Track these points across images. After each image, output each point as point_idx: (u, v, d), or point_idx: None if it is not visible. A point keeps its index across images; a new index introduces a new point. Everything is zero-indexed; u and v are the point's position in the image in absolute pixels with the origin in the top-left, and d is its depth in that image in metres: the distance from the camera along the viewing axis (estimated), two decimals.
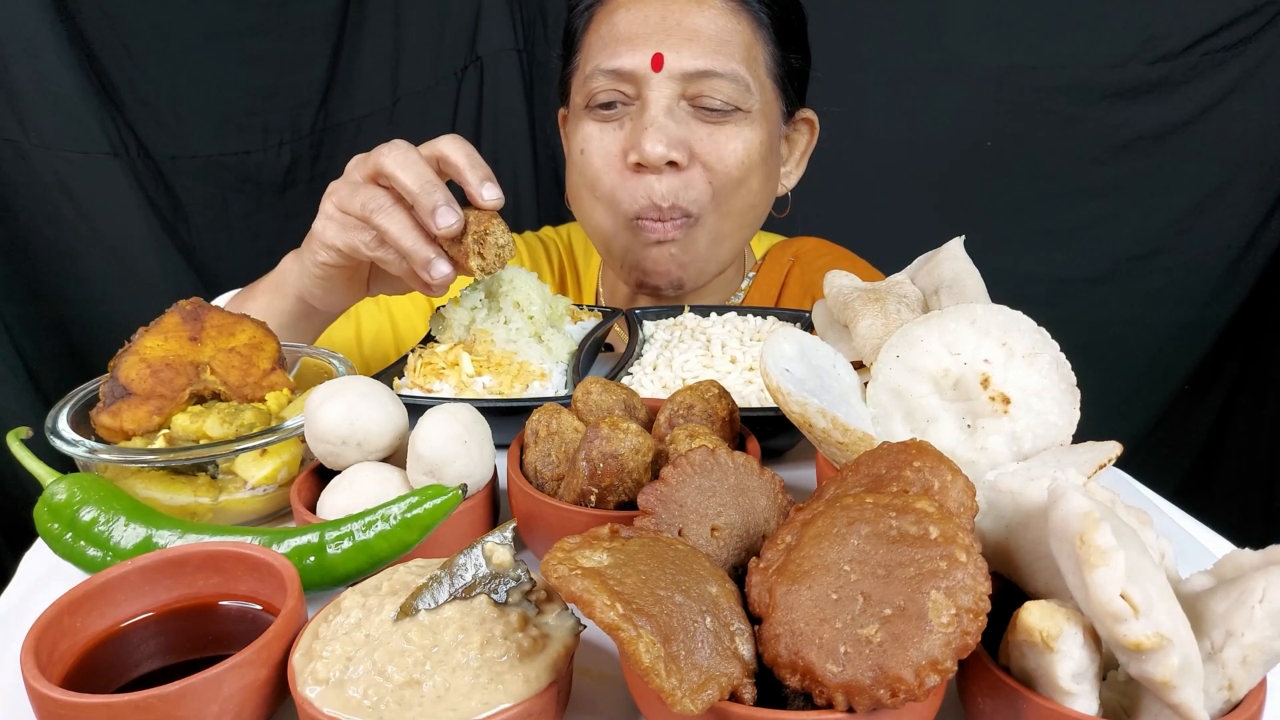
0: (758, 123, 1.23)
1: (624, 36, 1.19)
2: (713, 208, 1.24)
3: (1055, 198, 2.19)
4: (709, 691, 0.47)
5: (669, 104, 1.18)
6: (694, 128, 1.20)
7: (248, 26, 1.96)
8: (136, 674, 0.59)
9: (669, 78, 1.17)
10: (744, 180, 1.23)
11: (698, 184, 1.21)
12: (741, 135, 1.21)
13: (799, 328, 0.76)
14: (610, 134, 1.23)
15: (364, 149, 0.99)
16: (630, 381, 1.00)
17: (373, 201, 0.94)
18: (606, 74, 1.20)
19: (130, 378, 0.86)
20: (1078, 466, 0.60)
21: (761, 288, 1.46)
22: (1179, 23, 2.01)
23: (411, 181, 0.91)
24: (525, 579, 0.58)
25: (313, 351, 1.00)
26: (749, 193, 1.25)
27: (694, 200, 1.22)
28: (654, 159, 1.16)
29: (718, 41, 1.18)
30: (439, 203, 0.91)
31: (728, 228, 1.27)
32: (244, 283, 1.19)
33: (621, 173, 1.22)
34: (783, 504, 0.64)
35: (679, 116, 1.19)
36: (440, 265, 0.94)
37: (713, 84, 1.18)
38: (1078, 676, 0.49)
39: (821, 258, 1.48)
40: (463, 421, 0.73)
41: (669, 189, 1.20)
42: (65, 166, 1.85)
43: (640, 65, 1.17)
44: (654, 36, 1.17)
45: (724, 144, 1.20)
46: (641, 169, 1.19)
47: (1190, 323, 2.24)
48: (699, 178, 1.21)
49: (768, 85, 1.25)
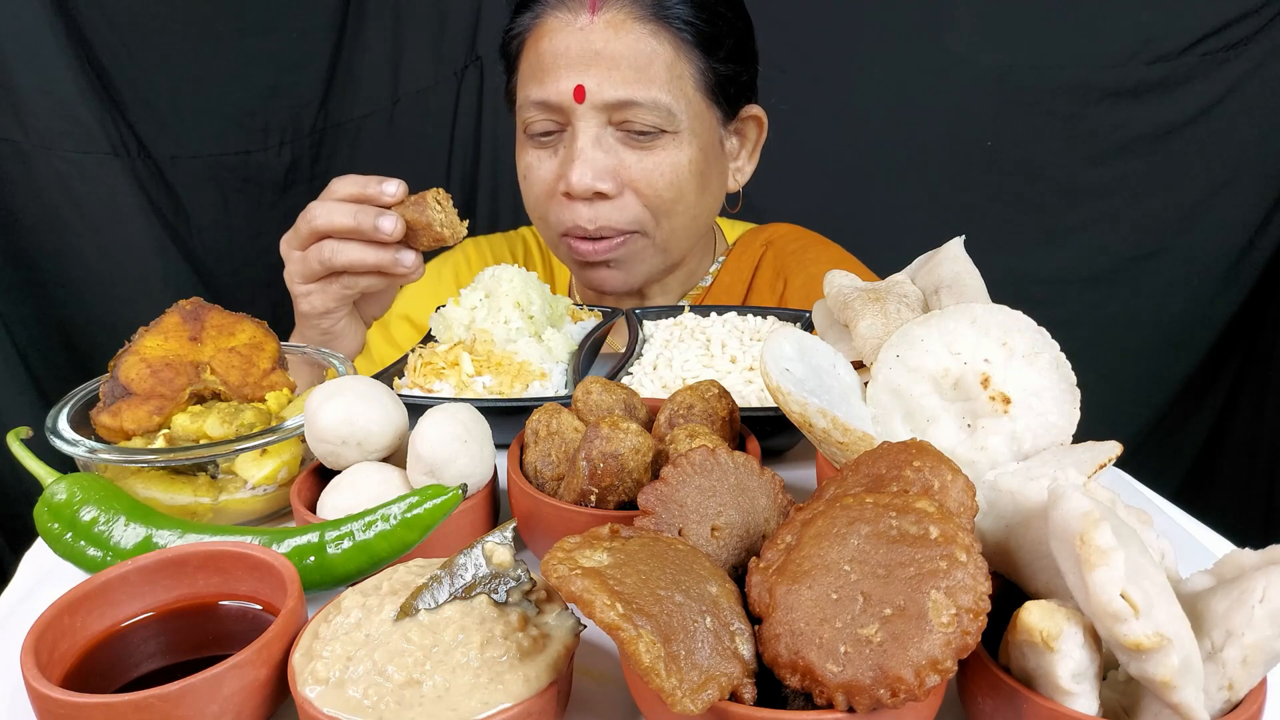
0: (688, 141, 1.25)
1: (548, 66, 1.22)
2: (654, 224, 1.28)
3: (1055, 198, 2.19)
4: (709, 691, 0.47)
5: (596, 133, 1.22)
6: (623, 154, 1.23)
7: (248, 26, 1.96)
8: (136, 674, 0.59)
9: (592, 108, 1.20)
10: (677, 200, 1.27)
11: (632, 207, 1.25)
12: (670, 158, 1.24)
13: (799, 328, 0.76)
14: (547, 162, 1.28)
15: (364, 149, 1.01)
16: (630, 381, 1.00)
17: (325, 253, 1.04)
18: (536, 105, 1.24)
19: (130, 378, 0.86)
20: (1078, 466, 0.60)
21: (732, 271, 1.48)
22: (1179, 23, 2.01)
23: (344, 219, 1.02)
24: (525, 579, 0.58)
25: (313, 352, 1.00)
26: (685, 209, 1.29)
27: (632, 221, 1.26)
28: (579, 190, 1.22)
29: (637, 68, 1.20)
30: (373, 218, 1.02)
31: (676, 235, 1.31)
32: (244, 282, 1.20)
33: (556, 199, 1.27)
34: (783, 504, 0.64)
35: (607, 144, 1.23)
36: (405, 255, 1.06)
37: (635, 111, 1.20)
38: (1078, 676, 0.49)
39: (794, 241, 1.50)
40: (463, 421, 0.73)
41: (596, 214, 1.25)
42: (65, 166, 1.85)
43: (564, 97, 1.21)
44: (575, 66, 1.20)
45: (653, 169, 1.23)
46: (572, 197, 1.24)
47: (1190, 323, 2.24)
48: (632, 202, 1.25)
49: (696, 100, 1.26)
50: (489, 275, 1.07)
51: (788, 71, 1.59)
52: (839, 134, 2.21)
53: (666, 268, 1.37)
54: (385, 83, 2.14)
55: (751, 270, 1.47)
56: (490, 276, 1.07)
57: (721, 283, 1.47)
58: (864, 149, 2.22)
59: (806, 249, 1.47)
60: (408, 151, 2.18)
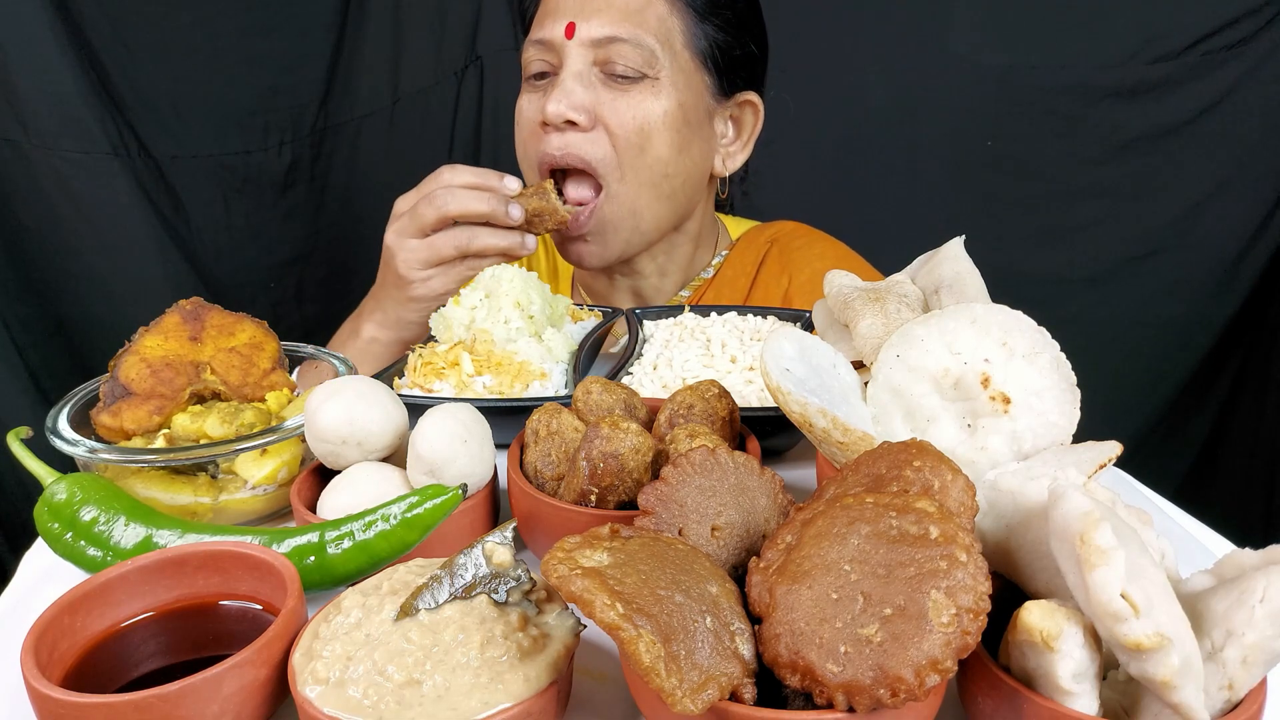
0: (666, 91, 1.28)
1: (550, 10, 1.30)
2: (619, 174, 1.29)
3: (1055, 198, 2.19)
4: (709, 691, 0.47)
5: (580, 69, 1.27)
6: (601, 93, 1.27)
7: (248, 26, 1.96)
8: (136, 674, 0.59)
9: (580, 44, 1.26)
10: (644, 145, 1.28)
11: (601, 144, 1.28)
12: (644, 102, 1.27)
13: (799, 328, 0.76)
14: (535, 101, 1.33)
15: (364, 149, 1.01)
16: (630, 381, 1.00)
17: (460, 238, 1.19)
18: (534, 44, 1.31)
19: (130, 377, 0.86)
20: (1078, 466, 0.60)
21: (736, 265, 1.49)
22: (1179, 23, 2.01)
23: (479, 205, 1.17)
24: (525, 579, 0.58)
25: (313, 351, 1.00)
26: (654, 159, 1.30)
27: (598, 158, 1.28)
28: (552, 117, 1.26)
29: (628, 11, 1.26)
30: (504, 205, 1.18)
31: (642, 197, 1.31)
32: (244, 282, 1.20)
33: (535, 133, 1.32)
34: (783, 504, 0.64)
35: (588, 82, 1.27)
36: (529, 239, 1.22)
37: (619, 49, 1.25)
38: (1078, 676, 0.49)
39: (799, 238, 1.50)
40: (463, 421, 0.73)
41: (565, 142, 1.28)
42: (65, 166, 1.85)
43: (557, 34, 1.27)
44: (572, 8, 1.27)
45: (624, 109, 1.27)
46: (547, 128, 1.28)
47: (1190, 323, 2.24)
48: (599, 137, 1.28)
49: (684, 57, 1.29)
50: (489, 275, 1.07)
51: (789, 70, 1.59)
52: (839, 133, 2.21)
53: (644, 241, 1.37)
54: (385, 83, 2.14)
55: (756, 265, 1.47)
56: (490, 276, 1.07)
57: (724, 276, 1.48)
58: (864, 148, 2.22)
59: (811, 245, 1.48)
60: (408, 151, 2.18)
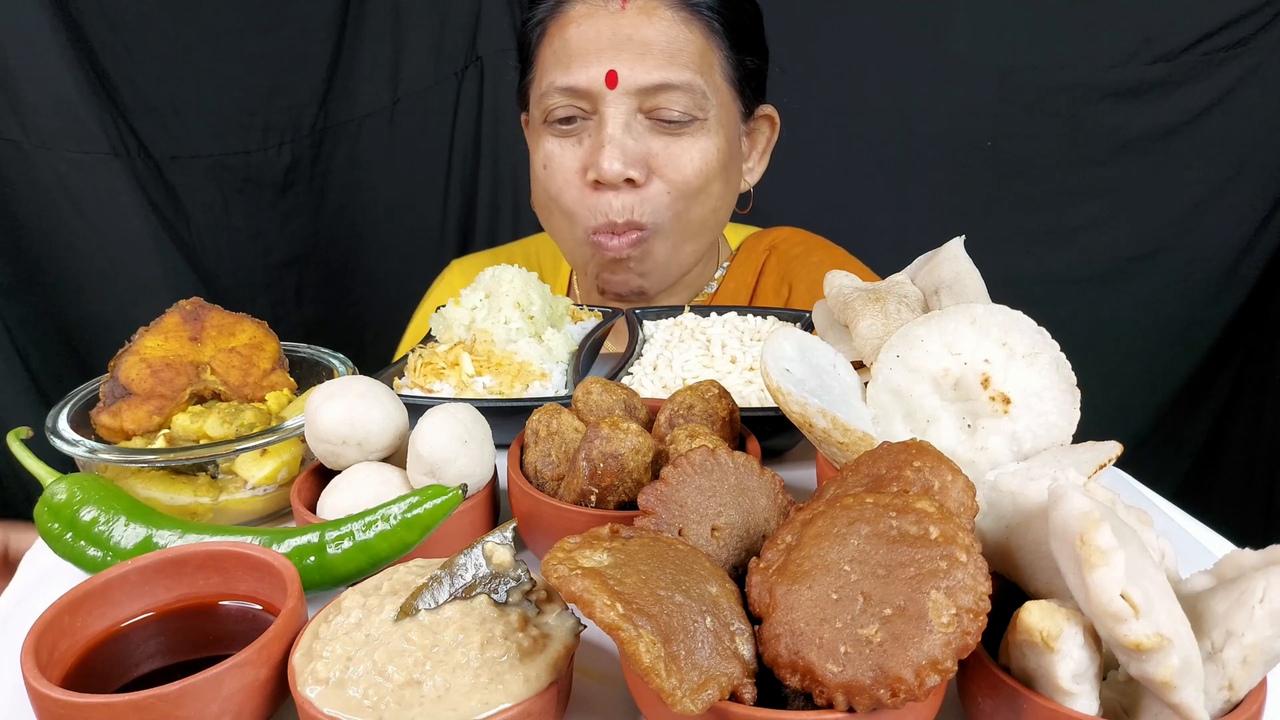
0: (715, 130, 1.23)
1: (577, 52, 1.19)
2: (670, 219, 1.25)
3: (1055, 198, 2.19)
4: (709, 691, 0.47)
5: (626, 119, 1.19)
6: (651, 141, 1.21)
7: (248, 26, 1.95)
8: (136, 674, 0.59)
9: (624, 93, 1.18)
10: (704, 189, 1.25)
11: (656, 197, 1.23)
12: (699, 145, 1.22)
13: (799, 328, 0.76)
14: (570, 150, 1.24)
15: (364, 149, 1.00)
16: (630, 381, 1.00)
17: None
18: (562, 91, 1.21)
19: (130, 378, 0.86)
20: (1078, 466, 0.60)
21: (737, 277, 1.46)
22: (1179, 23, 2.01)
23: None
24: (525, 579, 0.58)
25: (314, 351, 1.00)
26: (709, 199, 1.27)
27: (650, 213, 1.23)
28: (611, 177, 1.18)
29: (670, 53, 1.18)
30: None
31: (688, 236, 1.29)
32: (244, 282, 1.20)
33: (581, 189, 1.24)
34: (783, 504, 0.64)
35: (636, 131, 1.20)
36: None
37: (669, 96, 1.18)
38: (1078, 676, 0.49)
39: (797, 246, 1.48)
40: (463, 421, 0.73)
41: (625, 205, 1.21)
42: (65, 166, 1.85)
43: (595, 82, 1.18)
44: (607, 52, 1.17)
45: (681, 155, 1.21)
46: (600, 186, 1.21)
47: (1190, 323, 2.24)
48: (658, 190, 1.23)
49: (724, 89, 1.25)
50: (489, 275, 1.07)
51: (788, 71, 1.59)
52: (839, 133, 2.20)
53: (679, 272, 1.34)
54: (385, 83, 2.14)
55: (755, 276, 1.45)
56: (490, 277, 1.07)
57: (726, 289, 1.45)
58: (864, 148, 2.22)
59: (810, 253, 1.46)
60: (408, 151, 2.18)
